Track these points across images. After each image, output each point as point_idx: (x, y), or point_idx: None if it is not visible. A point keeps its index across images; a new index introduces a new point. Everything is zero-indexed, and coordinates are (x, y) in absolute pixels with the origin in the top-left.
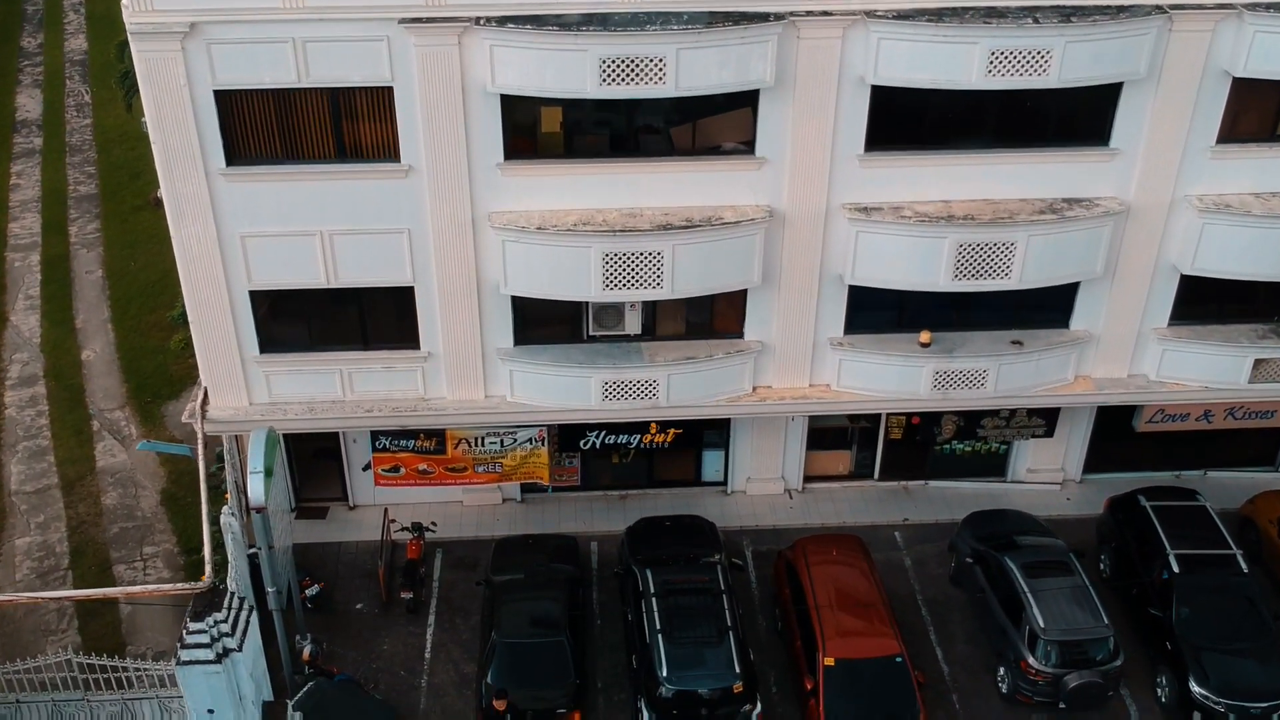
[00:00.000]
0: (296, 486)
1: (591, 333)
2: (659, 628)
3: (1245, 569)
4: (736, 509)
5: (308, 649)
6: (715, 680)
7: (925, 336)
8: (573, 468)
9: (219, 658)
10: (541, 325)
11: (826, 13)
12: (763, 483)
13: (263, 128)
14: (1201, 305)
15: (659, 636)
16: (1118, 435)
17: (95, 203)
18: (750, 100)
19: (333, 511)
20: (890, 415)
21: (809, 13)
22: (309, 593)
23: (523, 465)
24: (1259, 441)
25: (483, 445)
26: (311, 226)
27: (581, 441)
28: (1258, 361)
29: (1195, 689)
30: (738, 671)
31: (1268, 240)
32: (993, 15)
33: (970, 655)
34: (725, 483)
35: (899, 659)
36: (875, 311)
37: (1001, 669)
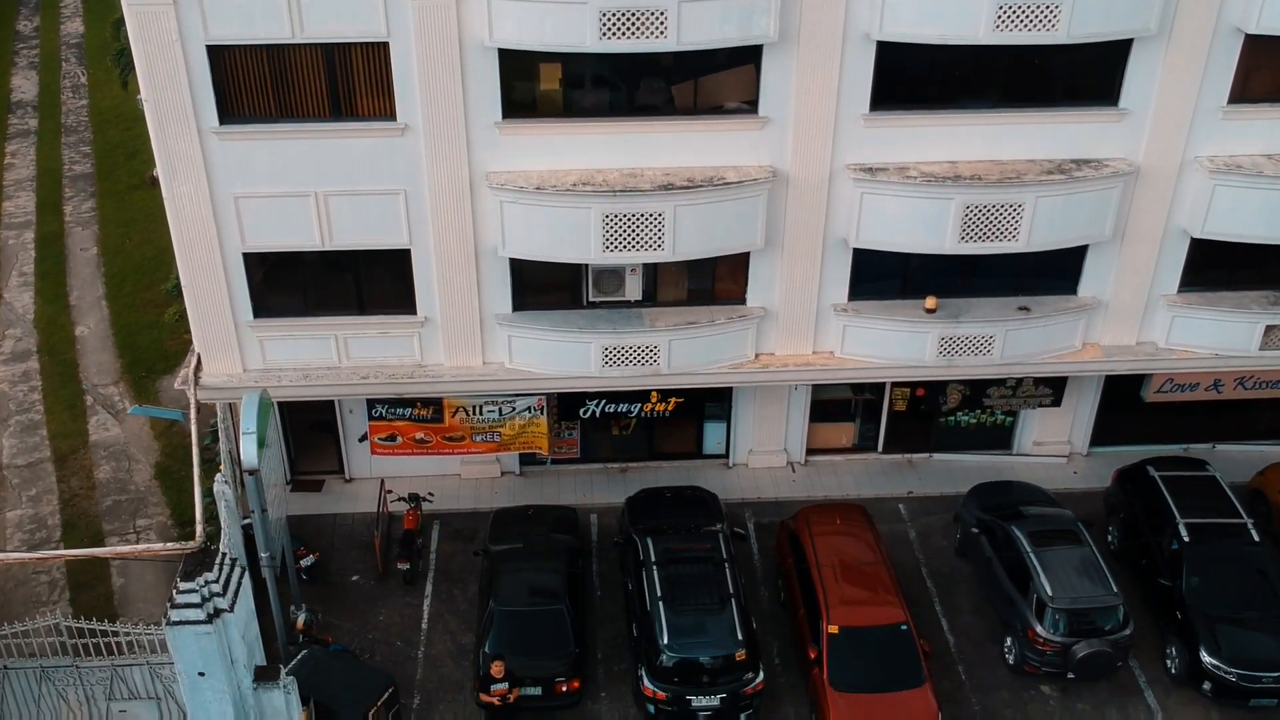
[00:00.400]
0: (293, 459)
1: (591, 298)
2: (660, 595)
3: (1256, 538)
4: (738, 481)
5: (302, 618)
6: (717, 648)
7: (931, 302)
8: (572, 439)
9: (210, 618)
10: (541, 291)
11: None
12: (765, 455)
13: (256, 85)
14: (1212, 270)
15: (660, 604)
16: (1125, 406)
17: (91, 182)
18: (753, 57)
19: (329, 484)
20: (895, 387)
21: None
22: (304, 563)
23: (521, 435)
24: (1268, 414)
25: (481, 414)
26: (306, 187)
27: (581, 410)
28: (1269, 328)
29: (1206, 659)
30: (740, 639)
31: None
32: None
33: (976, 626)
34: (727, 455)
35: (904, 626)
36: (880, 276)
37: (1008, 639)
